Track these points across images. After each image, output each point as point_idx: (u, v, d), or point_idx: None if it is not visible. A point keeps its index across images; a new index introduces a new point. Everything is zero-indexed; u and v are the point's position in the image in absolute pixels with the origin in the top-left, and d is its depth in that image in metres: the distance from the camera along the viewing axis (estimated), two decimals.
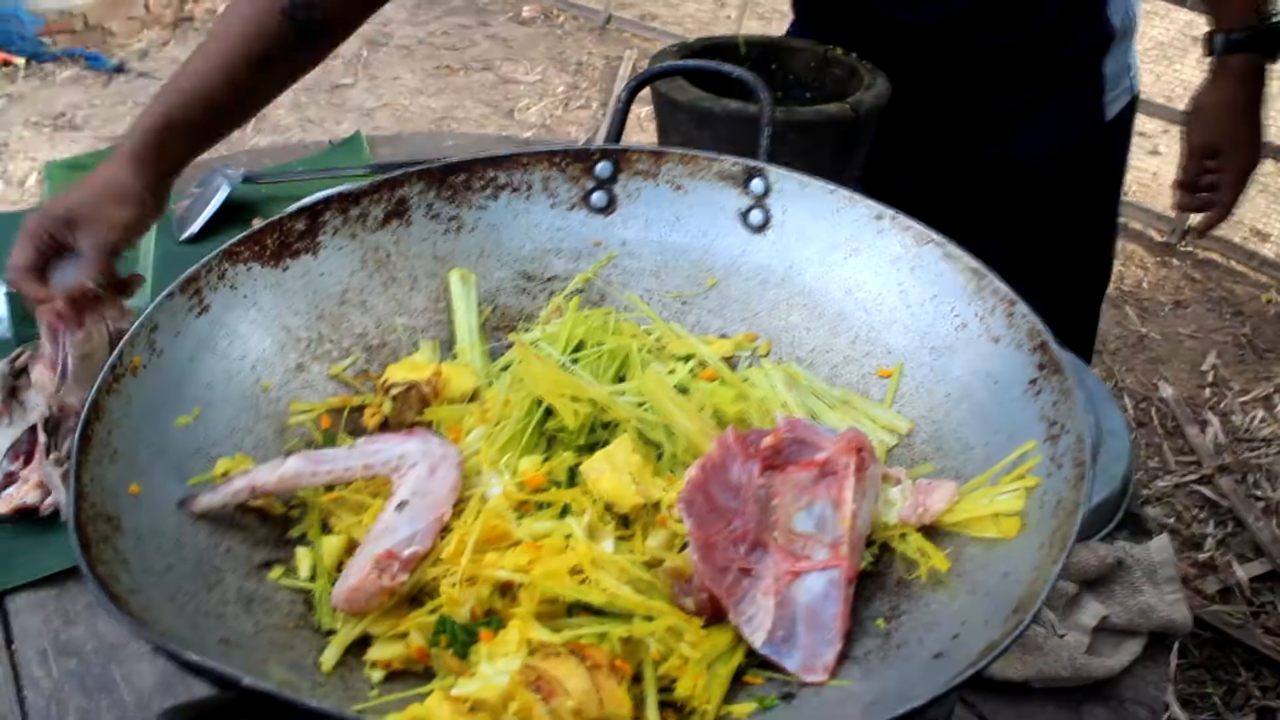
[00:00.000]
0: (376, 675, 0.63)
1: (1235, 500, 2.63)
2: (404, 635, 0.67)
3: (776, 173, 0.94)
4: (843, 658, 0.64)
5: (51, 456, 1.09)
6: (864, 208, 0.89)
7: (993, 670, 0.93)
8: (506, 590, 0.68)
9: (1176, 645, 2.26)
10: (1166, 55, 4.52)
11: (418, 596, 0.71)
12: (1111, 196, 1.62)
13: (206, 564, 0.65)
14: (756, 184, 0.95)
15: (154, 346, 0.72)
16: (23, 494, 1.08)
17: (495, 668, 0.59)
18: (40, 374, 1.17)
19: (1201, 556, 2.50)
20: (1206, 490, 2.69)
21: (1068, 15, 1.42)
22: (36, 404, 1.18)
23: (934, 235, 0.85)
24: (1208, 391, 3.05)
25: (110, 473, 0.63)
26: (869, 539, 0.72)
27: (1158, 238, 3.74)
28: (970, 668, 0.50)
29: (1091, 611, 0.99)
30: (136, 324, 0.70)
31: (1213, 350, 3.21)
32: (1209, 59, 1.43)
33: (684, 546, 0.69)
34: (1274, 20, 1.39)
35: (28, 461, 1.12)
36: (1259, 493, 2.68)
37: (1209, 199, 1.49)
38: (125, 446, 0.65)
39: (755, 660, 0.66)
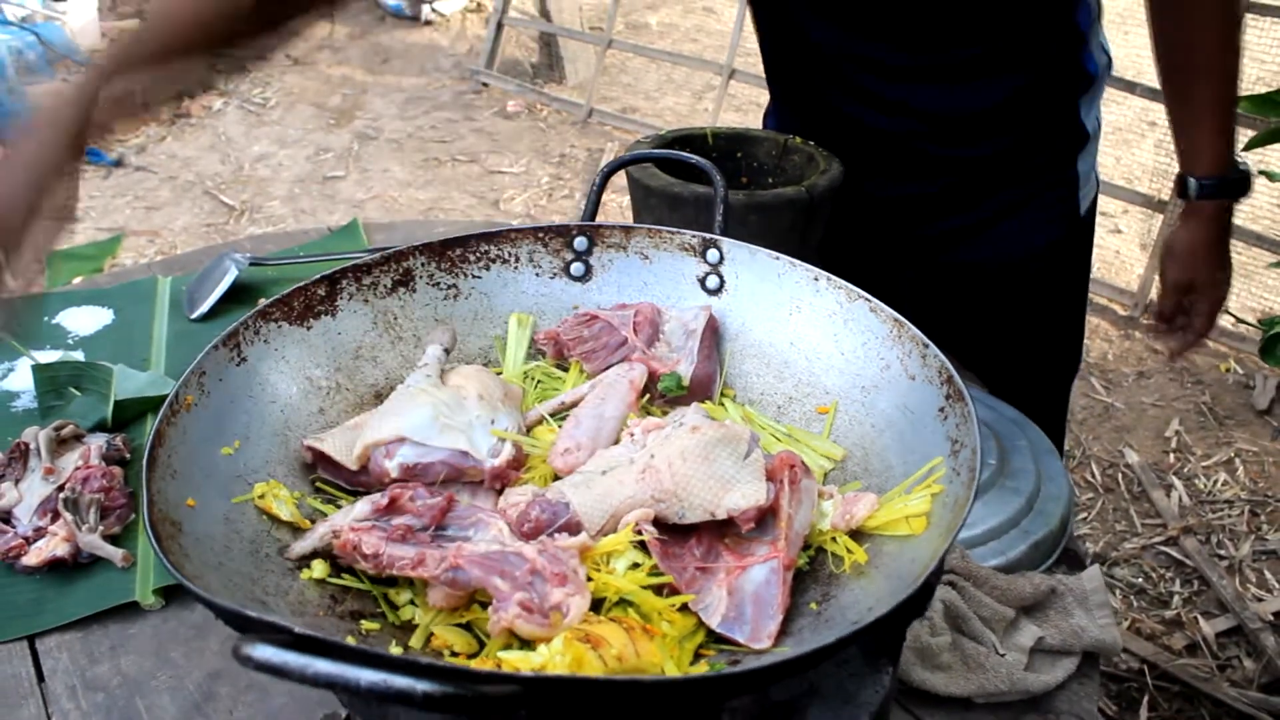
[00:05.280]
0: (396, 652, 0.74)
1: (1200, 560, 2.70)
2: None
3: (729, 244, 1.04)
4: (782, 634, 0.75)
5: (84, 528, 1.16)
6: (803, 271, 1.00)
7: (939, 687, 1.01)
8: None
9: (1147, 698, 2.34)
10: (1125, 140, 4.67)
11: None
12: (1083, 284, 1.67)
13: (249, 564, 0.75)
14: (712, 254, 1.05)
15: (203, 388, 0.83)
16: (52, 547, 1.15)
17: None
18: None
19: (1169, 614, 2.56)
20: (1172, 551, 2.76)
21: (1047, 121, 1.47)
22: (64, 467, 1.28)
23: (862, 293, 0.96)
24: (1171, 457, 3.12)
25: (171, 488, 0.73)
26: (806, 542, 0.83)
27: (1121, 312, 3.82)
28: (876, 621, 0.62)
29: (1029, 633, 1.06)
30: (189, 370, 0.81)
31: (1175, 418, 3.29)
32: (1180, 200, 1.45)
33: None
34: (1242, 168, 1.41)
35: (56, 517, 1.19)
36: (1222, 552, 2.75)
37: (1183, 324, 1.54)
38: (182, 468, 0.76)
39: (713, 639, 0.76)
